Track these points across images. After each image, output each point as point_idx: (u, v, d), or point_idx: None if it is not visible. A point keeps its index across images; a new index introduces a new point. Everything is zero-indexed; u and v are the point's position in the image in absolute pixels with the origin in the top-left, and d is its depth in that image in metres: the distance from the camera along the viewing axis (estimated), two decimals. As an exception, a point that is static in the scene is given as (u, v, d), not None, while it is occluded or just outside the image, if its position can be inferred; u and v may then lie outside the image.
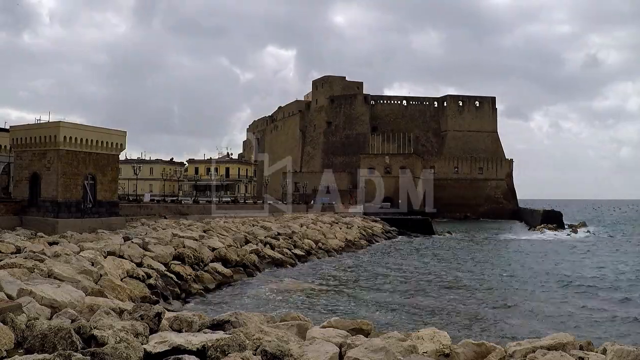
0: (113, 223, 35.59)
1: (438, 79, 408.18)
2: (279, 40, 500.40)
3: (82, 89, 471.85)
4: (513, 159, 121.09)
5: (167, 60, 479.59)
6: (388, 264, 40.18)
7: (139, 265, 24.77)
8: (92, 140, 34.32)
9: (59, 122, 33.61)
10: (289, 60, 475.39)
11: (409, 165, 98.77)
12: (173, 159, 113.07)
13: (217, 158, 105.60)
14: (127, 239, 28.99)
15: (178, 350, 9.92)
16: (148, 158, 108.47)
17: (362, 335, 12.36)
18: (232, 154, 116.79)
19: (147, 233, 33.34)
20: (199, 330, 11.62)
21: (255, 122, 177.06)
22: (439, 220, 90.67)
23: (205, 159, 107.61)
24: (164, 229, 35.92)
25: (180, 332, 11.39)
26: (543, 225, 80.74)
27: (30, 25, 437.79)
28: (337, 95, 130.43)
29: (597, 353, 10.66)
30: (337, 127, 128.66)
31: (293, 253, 39.91)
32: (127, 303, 15.46)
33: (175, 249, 29.10)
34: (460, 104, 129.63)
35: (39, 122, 36.05)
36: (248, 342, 10.63)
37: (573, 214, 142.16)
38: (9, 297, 13.13)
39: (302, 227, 50.99)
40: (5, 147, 38.86)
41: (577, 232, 78.07)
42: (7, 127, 39.79)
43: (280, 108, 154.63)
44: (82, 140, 33.68)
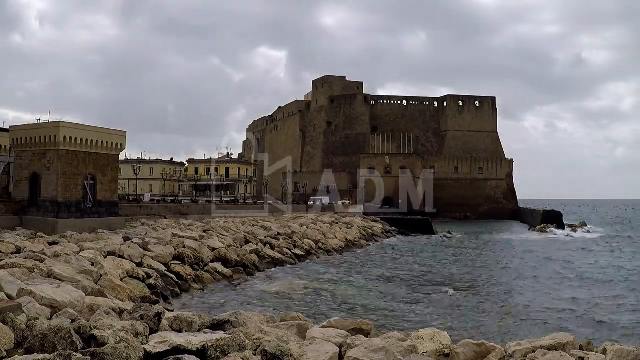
0: (113, 223, 35.60)
1: (430, 80, 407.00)
2: (270, 41, 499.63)
3: (76, 90, 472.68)
4: (513, 159, 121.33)
5: (159, 60, 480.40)
6: (388, 264, 40.18)
7: (139, 265, 24.79)
8: (92, 140, 34.34)
9: (59, 122, 33.63)
10: (280, 61, 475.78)
11: (409, 165, 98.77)
12: (173, 159, 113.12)
13: (217, 158, 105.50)
14: (127, 239, 29.00)
15: (178, 350, 9.91)
16: (148, 158, 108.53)
17: (362, 335, 12.36)
18: (232, 154, 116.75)
19: (147, 233, 33.36)
20: (199, 330, 11.62)
21: (255, 122, 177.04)
22: (439, 220, 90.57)
23: (205, 159, 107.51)
24: (164, 229, 35.94)
25: (180, 332, 11.39)
26: (543, 225, 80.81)
27: (20, 27, 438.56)
28: (337, 95, 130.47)
29: (597, 353, 10.66)
30: (337, 127, 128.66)
31: (293, 253, 39.91)
32: (127, 303, 15.45)
33: (175, 249, 29.11)
34: (460, 104, 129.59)
35: (39, 122, 36.06)
36: (248, 342, 10.63)
37: (573, 214, 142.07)
38: (9, 297, 13.12)
39: (302, 227, 51.00)
40: (5, 147, 38.85)
41: (576, 231, 78.27)
42: (6, 127, 39.82)
43: (280, 108, 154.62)
44: (82, 140, 33.70)
